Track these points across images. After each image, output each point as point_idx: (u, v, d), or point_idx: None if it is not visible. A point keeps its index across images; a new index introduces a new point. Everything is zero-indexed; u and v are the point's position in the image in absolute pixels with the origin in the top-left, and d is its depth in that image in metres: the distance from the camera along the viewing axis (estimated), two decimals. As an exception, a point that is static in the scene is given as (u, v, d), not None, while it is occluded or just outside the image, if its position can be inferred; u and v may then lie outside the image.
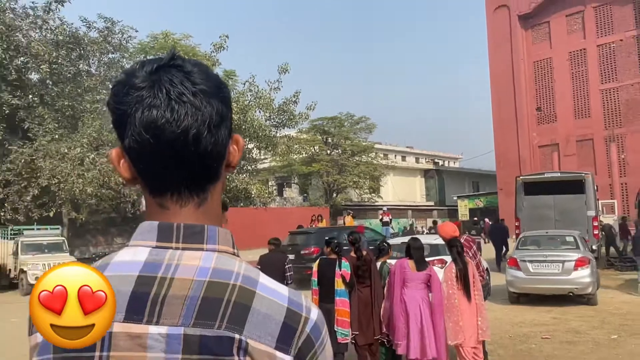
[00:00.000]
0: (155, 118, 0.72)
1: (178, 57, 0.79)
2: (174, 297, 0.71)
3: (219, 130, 0.77)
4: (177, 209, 0.78)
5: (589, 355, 6.97)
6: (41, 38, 22.94)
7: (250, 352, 0.69)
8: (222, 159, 0.81)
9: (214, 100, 0.77)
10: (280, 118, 26.49)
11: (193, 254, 0.75)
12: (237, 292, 0.72)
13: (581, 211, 15.66)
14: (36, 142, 21.42)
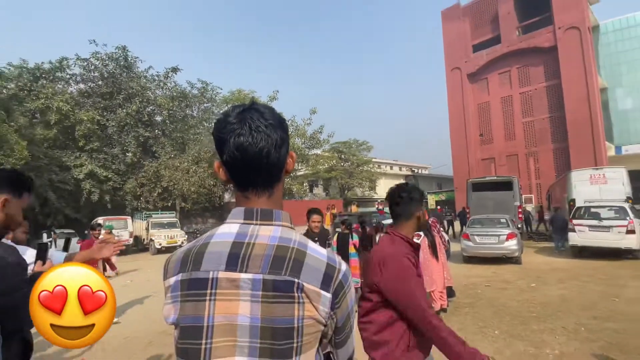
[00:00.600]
0: (242, 142, 0.76)
1: (256, 103, 0.83)
2: (256, 255, 0.74)
3: (281, 149, 0.80)
4: (256, 199, 0.81)
5: (516, 297, 6.78)
6: (163, 94, 23.57)
7: (305, 290, 0.72)
8: (283, 167, 0.84)
9: (278, 130, 0.80)
10: (311, 142, 26.63)
11: (267, 227, 0.79)
12: (295, 252, 0.75)
13: (510, 202, 15.28)
14: (160, 159, 22.00)
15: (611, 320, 5.24)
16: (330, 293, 0.75)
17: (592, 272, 8.76)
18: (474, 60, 33.32)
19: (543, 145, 29.67)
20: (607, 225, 10.27)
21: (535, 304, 6.26)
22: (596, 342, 4.47)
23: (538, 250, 13.03)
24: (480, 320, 5.58)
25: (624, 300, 6.21)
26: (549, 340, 4.63)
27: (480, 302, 6.54)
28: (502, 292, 7.17)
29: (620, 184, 13.36)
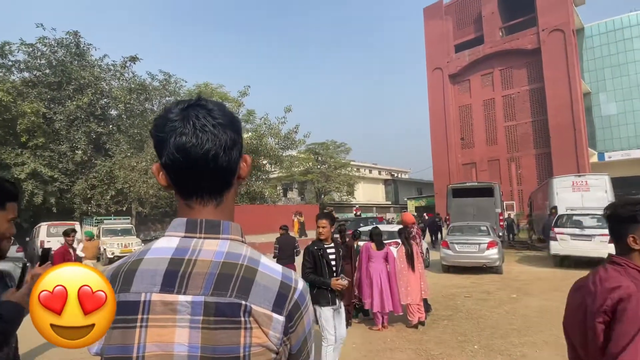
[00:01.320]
0: (184, 142, 0.71)
1: (203, 98, 0.78)
2: (197, 273, 0.69)
3: (231, 151, 0.76)
4: (201, 209, 0.76)
5: (496, 309, 6.87)
6: (119, 85, 22.72)
7: (253, 314, 0.67)
8: (235, 172, 0.79)
9: (228, 130, 0.75)
10: (286, 142, 26.41)
11: (212, 241, 0.74)
12: (244, 269, 0.71)
13: (491, 209, 15.66)
14: (114, 158, 21.14)
15: (593, 332, 5.33)
16: (283, 316, 0.70)
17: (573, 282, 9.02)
18: (455, 60, 34.30)
19: (525, 151, 30.82)
20: (590, 234, 10.65)
21: (516, 316, 6.34)
22: (578, 357, 4.50)
23: (519, 259, 13.35)
24: (460, 333, 5.56)
25: (606, 311, 6.38)
26: (530, 354, 4.65)
27: (459, 314, 6.55)
28: (482, 304, 7.23)
29: (603, 192, 13.96)
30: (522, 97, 31.13)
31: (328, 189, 36.21)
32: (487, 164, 32.69)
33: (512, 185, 29.91)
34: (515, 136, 31.51)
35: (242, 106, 25.06)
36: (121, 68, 22.67)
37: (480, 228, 11.54)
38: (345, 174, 37.60)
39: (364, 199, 42.98)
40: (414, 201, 40.90)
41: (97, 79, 21.83)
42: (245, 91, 24.83)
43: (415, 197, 43.11)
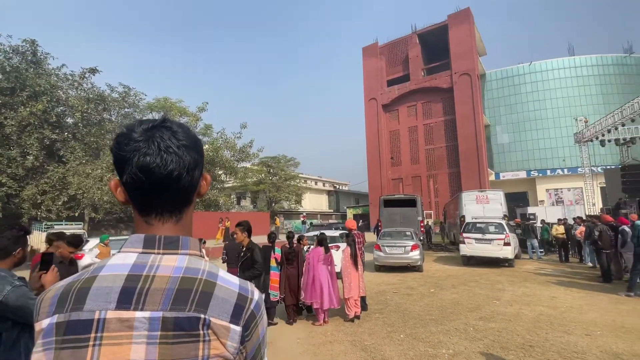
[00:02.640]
0: (148, 163, 0.66)
1: (167, 120, 0.72)
2: (156, 289, 0.63)
3: (194, 172, 0.71)
4: (160, 225, 0.70)
5: (418, 302, 7.10)
6: (76, 95, 20.64)
7: (212, 326, 0.63)
8: (195, 190, 0.74)
9: (191, 152, 0.71)
10: (241, 155, 25.72)
11: (171, 257, 0.68)
12: (202, 283, 0.66)
13: (414, 217, 16.32)
14: (68, 165, 19.03)
15: (493, 320, 5.75)
16: (240, 326, 0.66)
17: (478, 278, 9.71)
18: (387, 93, 36.09)
19: (441, 169, 33.06)
20: (489, 238, 11.57)
21: (434, 308, 6.62)
22: (482, 341, 4.81)
23: (436, 259, 14.07)
24: (389, 325, 5.67)
25: (503, 303, 6.92)
26: (445, 340, 4.86)
27: (388, 308, 6.70)
28: (407, 298, 7.47)
29: (499, 204, 15.33)
30: (439, 126, 33.48)
31: (278, 198, 35.76)
32: (411, 179, 34.49)
33: (431, 197, 31.84)
34: (433, 157, 33.67)
35: (200, 120, 24.04)
36: (80, 78, 20.66)
37: (405, 233, 11.93)
38: (294, 185, 37.44)
39: (310, 207, 43.05)
40: (352, 209, 41.78)
41: (54, 87, 19.60)
42: (204, 107, 23.93)
43: (354, 206, 44.08)
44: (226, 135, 24.55)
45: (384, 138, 36.00)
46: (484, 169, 29.62)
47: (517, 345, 4.62)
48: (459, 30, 31.73)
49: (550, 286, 8.36)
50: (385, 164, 35.62)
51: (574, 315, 5.92)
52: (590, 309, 6.28)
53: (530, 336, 4.93)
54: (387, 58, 37.07)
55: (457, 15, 32.25)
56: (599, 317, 5.78)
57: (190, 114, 23.55)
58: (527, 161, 34.45)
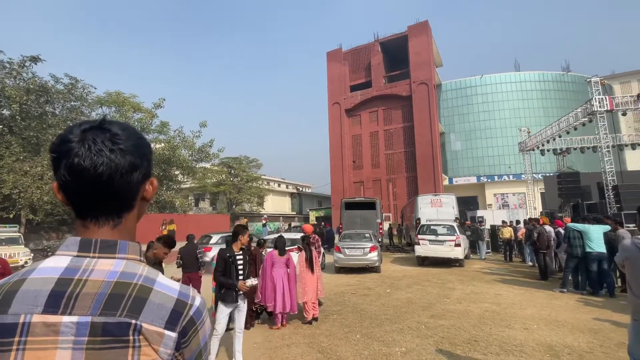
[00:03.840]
0: (75, 164, 0.65)
1: (107, 121, 0.70)
2: (87, 294, 0.62)
3: (131, 175, 0.69)
4: (96, 229, 0.69)
5: (375, 302, 7.26)
6: (15, 85, 18.69)
7: (144, 332, 0.62)
8: (135, 195, 0.71)
9: (128, 155, 0.68)
10: (200, 155, 24.76)
11: (106, 261, 0.66)
12: (137, 288, 0.64)
13: (373, 219, 16.78)
14: (2, 161, 17.17)
15: (443, 318, 6.03)
16: (176, 332, 0.65)
17: (431, 277, 10.14)
18: (350, 98, 36.77)
19: (399, 174, 34.25)
20: (442, 239, 12.15)
21: (389, 307, 6.81)
22: (432, 338, 5.03)
23: (393, 260, 14.50)
24: (346, 325, 5.74)
25: (452, 301, 7.29)
26: (398, 339, 5.01)
27: (346, 309, 6.78)
28: (364, 299, 7.61)
29: (451, 207, 16.18)
30: (398, 132, 34.70)
31: (239, 200, 34.95)
32: (372, 182, 35.35)
33: (390, 200, 32.84)
34: (392, 162, 34.80)
35: (156, 117, 22.83)
36: (19, 67, 18.72)
37: (365, 235, 12.17)
38: (256, 187, 36.82)
39: (273, 209, 42.54)
40: (315, 212, 41.89)
41: (-14, 75, 17.69)
42: (160, 103, 22.68)
43: (316, 209, 44.23)
44: (184, 133, 23.51)
45: (347, 142, 36.61)
46: (438, 174, 31.11)
47: (464, 340, 4.88)
48: (418, 41, 33.18)
49: (495, 284, 8.95)
50: (348, 168, 36.21)
51: (514, 310, 6.38)
52: (528, 304, 6.81)
53: (476, 331, 5.24)
54: (351, 64, 37.81)
55: (416, 26, 33.72)
56: (536, 312, 6.28)
57: (144, 110, 22.26)
58: (477, 167, 36.73)
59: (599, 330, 5.17)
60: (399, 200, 32.82)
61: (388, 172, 34.71)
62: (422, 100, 32.27)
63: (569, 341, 4.77)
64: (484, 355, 4.35)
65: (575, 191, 16.70)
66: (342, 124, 36.51)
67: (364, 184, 35.58)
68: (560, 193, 17.37)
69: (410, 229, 18.59)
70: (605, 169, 14.65)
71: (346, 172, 35.98)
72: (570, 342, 4.75)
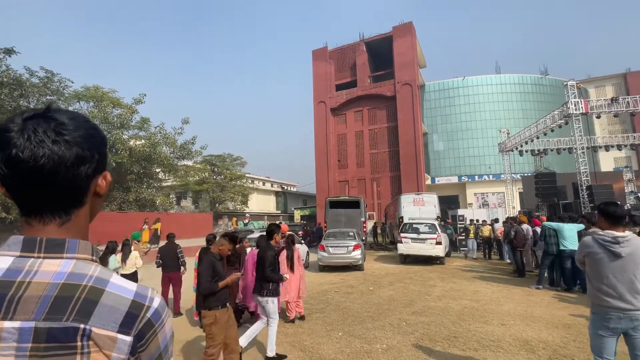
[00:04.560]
0: (13, 155, 0.59)
1: (52, 109, 0.64)
2: (30, 297, 0.57)
3: (77, 169, 0.63)
4: (41, 227, 0.63)
5: (357, 300, 7.30)
6: (-14, 77, 17.85)
7: (93, 337, 0.58)
8: (85, 190, 0.66)
9: (75, 147, 0.63)
10: (182, 152, 24.24)
11: (53, 261, 0.61)
12: (87, 291, 0.60)
13: (358, 218, 16.89)
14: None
15: (424, 314, 6.10)
16: (131, 336, 0.61)
17: (412, 275, 10.27)
18: (336, 97, 36.82)
19: (383, 173, 34.57)
20: (424, 237, 12.33)
21: (371, 305, 6.85)
22: (413, 334, 5.08)
23: (377, 258, 14.63)
24: (328, 324, 5.73)
25: (433, 298, 7.39)
26: (380, 336, 5.04)
27: (329, 307, 6.78)
28: (347, 297, 7.64)
29: (433, 206, 16.44)
30: (382, 132, 35.01)
31: (223, 198, 34.45)
32: (356, 182, 35.55)
33: (374, 199, 33.12)
34: (377, 161, 35.09)
35: (136, 113, 22.19)
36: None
37: (348, 233, 12.24)
38: (240, 185, 36.41)
39: (257, 208, 42.21)
40: (300, 211, 41.80)
41: (-46, 66, 16.78)
42: (141, 99, 22.04)
43: (301, 207, 44.14)
44: (165, 130, 22.93)
45: (332, 141, 36.66)
46: (421, 173, 31.58)
47: (443, 336, 4.94)
48: (402, 42, 33.52)
49: (475, 281, 9.14)
50: (333, 167, 36.28)
51: (492, 307, 6.52)
52: (506, 301, 6.98)
53: (455, 328, 5.32)
54: (336, 63, 37.86)
55: (401, 27, 34.06)
56: (512, 308, 6.44)
57: (124, 106, 21.55)
58: (458, 167, 37.51)
59: (572, 325, 5.34)
60: (382, 199, 33.13)
61: (372, 172, 34.97)
62: (406, 101, 32.64)
63: (544, 336, 4.91)
64: (462, 351, 4.42)
65: (551, 191, 17.26)
66: (327, 123, 36.53)
67: (348, 183, 35.73)
68: (538, 193, 17.93)
69: (393, 228, 18.79)
70: (580, 170, 15.20)
71: (331, 171, 36.04)
72: (545, 337, 4.88)
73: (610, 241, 2.64)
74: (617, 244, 2.62)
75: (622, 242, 2.61)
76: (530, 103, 37.77)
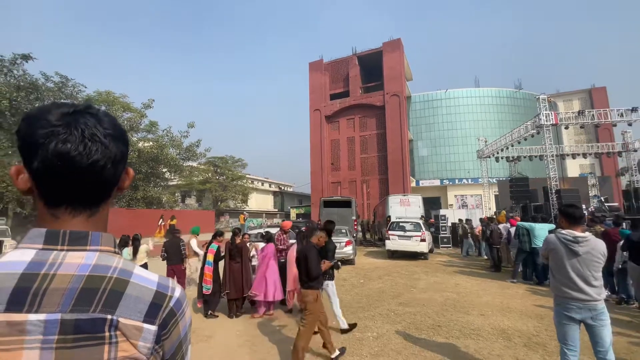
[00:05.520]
0: (68, 150, 0.55)
1: (92, 107, 0.61)
2: (55, 289, 0.53)
3: (119, 164, 0.62)
4: (69, 219, 0.59)
5: (349, 291, 7.27)
6: (5, 81, 17.51)
7: (121, 327, 0.55)
8: (117, 184, 0.64)
9: (118, 143, 0.61)
10: (187, 154, 24.04)
11: (77, 254, 0.57)
12: (112, 282, 0.56)
13: (349, 217, 16.87)
14: (-10, 155, 16.03)
15: (410, 305, 6.12)
16: (156, 325, 0.58)
17: (399, 269, 10.29)
18: (330, 106, 36.86)
19: (373, 176, 34.66)
20: (409, 235, 12.38)
21: (362, 297, 6.84)
22: (400, 323, 5.08)
23: (366, 254, 14.64)
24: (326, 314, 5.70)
25: (418, 290, 7.41)
26: (370, 325, 5.04)
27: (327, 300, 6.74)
28: (340, 289, 7.58)
29: (417, 206, 16.52)
30: (372, 138, 35.12)
31: (224, 197, 34.24)
32: (348, 183, 35.59)
33: (364, 200, 33.15)
34: (367, 165, 35.19)
35: (145, 117, 21.95)
36: (10, 64, 17.48)
37: (341, 231, 12.24)
38: (241, 185, 36.22)
39: (256, 206, 42.04)
40: (295, 209, 41.70)
41: (-24, 71, 16.41)
42: (149, 104, 21.80)
43: (297, 206, 44.03)
44: (172, 133, 22.75)
45: (326, 146, 36.68)
46: (407, 176, 31.74)
47: (428, 325, 4.96)
48: (391, 57, 33.72)
49: (455, 275, 9.20)
50: (327, 169, 36.28)
51: (472, 299, 6.56)
52: (484, 293, 7.03)
53: (439, 317, 5.34)
54: (331, 74, 37.92)
55: (390, 43, 34.27)
56: (490, 299, 6.49)
57: (134, 110, 21.31)
58: (441, 171, 37.80)
59: (544, 316, 5.40)
60: (372, 199, 33.19)
61: (363, 174, 35.05)
62: (394, 110, 32.81)
63: (519, 325, 4.96)
64: (445, 338, 4.43)
65: (524, 194, 17.49)
66: (322, 129, 36.54)
67: (341, 184, 35.76)
68: (512, 195, 18.14)
69: (382, 226, 18.84)
70: (550, 175, 15.42)
71: (325, 173, 36.04)
72: (520, 326, 4.93)
73: (571, 240, 2.68)
74: (577, 243, 2.66)
75: (581, 241, 2.65)
76: (506, 114, 38.26)
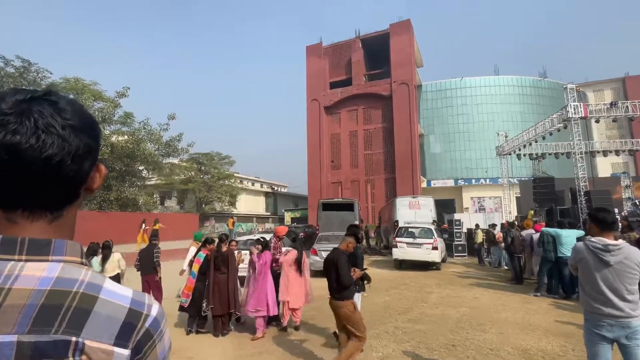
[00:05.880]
0: (16, 143, 0.53)
1: (54, 93, 0.59)
2: (11, 306, 0.51)
3: (84, 161, 0.59)
4: (27, 224, 0.57)
5: (351, 308, 7.29)
6: (-44, 65, 17.42)
7: (87, 351, 0.52)
8: (82, 183, 0.61)
9: (82, 135, 0.58)
10: (167, 150, 23.99)
11: (37, 265, 0.55)
12: (78, 298, 0.54)
13: (352, 221, 16.81)
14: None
15: (420, 322, 6.15)
16: (129, 348, 0.56)
17: (408, 281, 10.32)
18: (330, 95, 36.92)
19: (378, 175, 34.77)
20: (419, 242, 12.41)
21: (366, 312, 6.81)
22: (409, 342, 5.11)
23: (370, 263, 14.60)
24: (321, 332, 5.72)
25: (430, 305, 7.44)
26: (375, 344, 5.05)
27: (322, 314, 6.75)
28: (340, 303, 7.61)
29: (429, 210, 16.57)
30: (377, 132, 35.21)
31: (210, 198, 34.23)
32: (350, 183, 35.66)
33: (368, 202, 33.24)
34: (371, 162, 35.26)
35: (119, 107, 21.88)
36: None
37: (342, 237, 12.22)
38: (228, 185, 36.19)
39: (245, 209, 41.98)
40: (290, 213, 41.76)
41: None
42: (124, 92, 21.73)
43: (292, 209, 44.08)
44: (150, 126, 22.69)
45: (325, 141, 36.71)
46: (417, 176, 31.83)
47: (440, 345, 4.99)
48: (399, 40, 33.79)
49: (472, 288, 9.24)
50: (326, 167, 36.32)
51: (490, 314, 6.60)
52: (504, 308, 7.07)
53: (453, 336, 5.37)
54: (331, 60, 37.95)
55: (398, 25, 34.34)
56: (510, 316, 6.53)
57: (107, 99, 21.22)
58: (455, 170, 37.90)
59: (571, 334, 5.44)
60: (377, 202, 33.27)
61: (367, 173, 35.11)
62: (403, 101, 32.88)
63: (543, 345, 4.99)
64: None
65: (549, 196, 17.55)
66: (320, 122, 36.57)
67: (342, 184, 35.81)
68: (535, 198, 18.21)
69: (388, 232, 18.88)
70: (578, 175, 15.50)
71: (324, 172, 36.07)
72: (544, 345, 4.96)
73: (601, 249, 2.67)
74: (608, 252, 2.64)
75: (612, 250, 2.63)
76: (529, 106, 38.42)
